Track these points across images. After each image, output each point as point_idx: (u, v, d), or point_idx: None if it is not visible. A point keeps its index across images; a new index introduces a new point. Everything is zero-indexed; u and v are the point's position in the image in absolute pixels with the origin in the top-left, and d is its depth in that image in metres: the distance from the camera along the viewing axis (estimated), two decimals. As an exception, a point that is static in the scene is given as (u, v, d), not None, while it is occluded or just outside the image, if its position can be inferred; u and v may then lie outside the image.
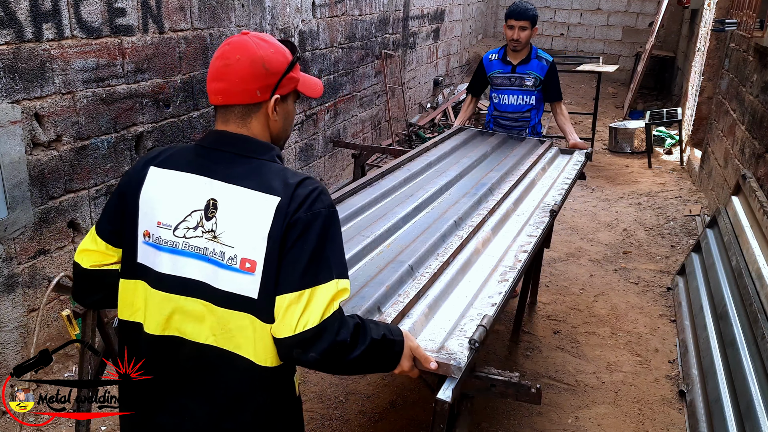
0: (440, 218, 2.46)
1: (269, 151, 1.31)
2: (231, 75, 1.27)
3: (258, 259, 1.20)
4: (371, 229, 2.30)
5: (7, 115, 2.57)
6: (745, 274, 3.01)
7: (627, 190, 6.03)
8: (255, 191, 1.22)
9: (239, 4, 4.02)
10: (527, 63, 3.67)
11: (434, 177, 3.00)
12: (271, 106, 1.30)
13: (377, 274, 1.97)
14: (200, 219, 1.24)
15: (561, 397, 2.97)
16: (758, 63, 4.39)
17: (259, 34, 1.32)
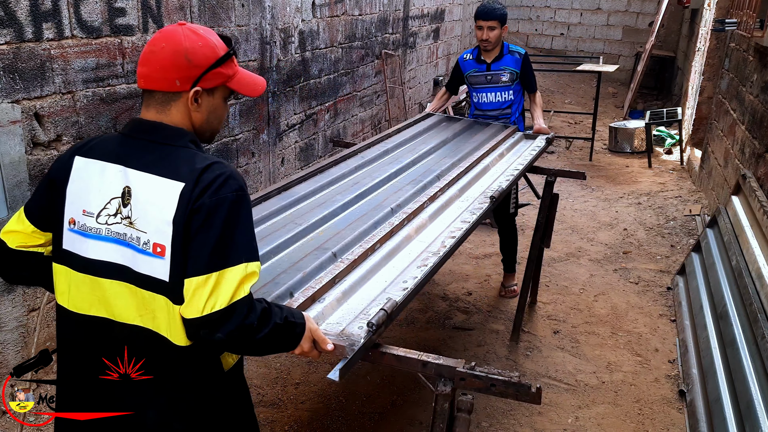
0: (379, 206, 2.46)
1: (182, 137, 1.34)
2: (153, 62, 1.31)
3: (166, 244, 1.25)
4: (307, 216, 2.31)
5: (7, 115, 2.57)
6: (745, 274, 3.01)
7: (627, 190, 6.03)
8: (162, 178, 1.27)
9: (239, 4, 4.01)
10: (501, 59, 3.73)
11: (387, 164, 2.99)
12: (191, 98, 1.33)
13: (299, 260, 1.98)
14: (118, 206, 1.30)
15: (561, 396, 2.97)
16: (758, 63, 4.39)
17: (195, 27, 1.35)
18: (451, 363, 1.56)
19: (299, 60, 4.92)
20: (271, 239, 2.10)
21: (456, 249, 2.26)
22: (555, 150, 7.47)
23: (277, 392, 2.93)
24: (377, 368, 3.07)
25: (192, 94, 1.32)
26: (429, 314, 3.68)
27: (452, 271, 4.20)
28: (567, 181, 5.81)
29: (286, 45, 4.67)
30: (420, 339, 3.41)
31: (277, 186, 2.60)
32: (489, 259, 4.46)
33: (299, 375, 3.06)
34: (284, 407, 2.84)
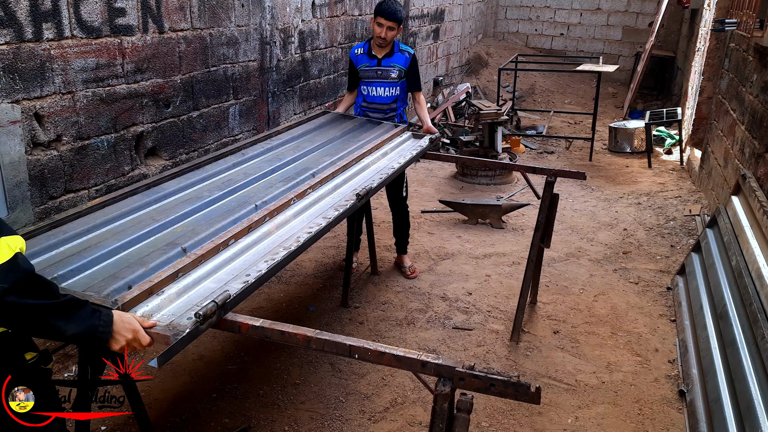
0: (245, 203, 2.45)
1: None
2: None
3: None
4: (169, 212, 2.30)
5: (7, 115, 2.57)
6: (745, 274, 3.01)
7: (627, 190, 6.03)
8: None
9: (239, 4, 4.02)
10: (391, 56, 3.84)
11: (266, 162, 2.97)
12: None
13: (147, 255, 1.98)
14: None
15: (561, 396, 2.97)
16: (758, 63, 4.39)
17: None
18: (450, 363, 1.56)
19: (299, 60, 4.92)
20: (123, 236, 2.08)
21: (311, 244, 2.26)
22: (555, 150, 7.47)
23: (276, 392, 2.93)
24: (377, 368, 3.07)
25: None
26: (429, 314, 3.68)
27: (452, 271, 4.20)
28: (567, 181, 5.81)
29: (286, 45, 4.67)
30: (420, 339, 3.41)
31: (146, 182, 2.57)
32: (489, 259, 4.46)
33: (298, 375, 3.06)
34: (284, 407, 2.84)
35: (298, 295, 3.88)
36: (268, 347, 3.26)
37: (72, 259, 1.91)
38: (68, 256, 1.93)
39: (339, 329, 3.48)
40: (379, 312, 3.69)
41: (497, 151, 6.00)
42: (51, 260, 1.92)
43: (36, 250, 1.92)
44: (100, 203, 2.32)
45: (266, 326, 1.68)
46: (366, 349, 1.60)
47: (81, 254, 1.94)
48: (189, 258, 1.94)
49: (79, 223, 2.17)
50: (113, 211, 2.28)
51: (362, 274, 4.13)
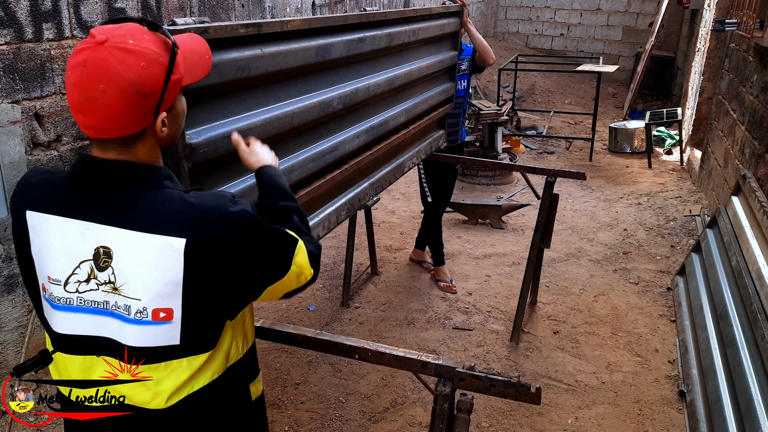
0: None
1: (154, 175, 1.11)
2: (99, 111, 1.03)
3: (174, 306, 1.08)
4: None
5: (7, 115, 2.57)
6: (745, 274, 3.01)
7: (627, 190, 6.03)
8: (152, 234, 1.06)
9: (239, 4, 4.02)
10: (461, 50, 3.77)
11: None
12: (159, 126, 1.11)
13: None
14: (91, 270, 1.08)
15: (561, 397, 2.97)
16: (758, 63, 4.39)
17: (120, 41, 1.05)
18: (450, 363, 1.55)
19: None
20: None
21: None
22: (555, 150, 7.47)
23: (276, 392, 2.93)
24: (377, 368, 3.07)
25: (159, 123, 1.10)
26: (429, 314, 3.68)
27: (452, 271, 4.20)
28: (567, 181, 5.81)
29: (286, 45, 4.67)
30: (420, 339, 3.41)
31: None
32: (489, 259, 4.46)
33: (299, 375, 3.06)
34: (284, 407, 2.84)
35: (298, 295, 3.88)
36: (268, 347, 3.26)
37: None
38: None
39: (339, 329, 3.48)
40: (379, 312, 3.69)
41: (497, 151, 6.01)
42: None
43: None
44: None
45: (266, 326, 1.68)
46: (366, 350, 1.60)
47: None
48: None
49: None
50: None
51: (362, 274, 4.13)
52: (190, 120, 1.50)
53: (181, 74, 1.12)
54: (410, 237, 4.79)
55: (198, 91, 1.50)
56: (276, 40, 1.83)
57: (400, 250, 4.58)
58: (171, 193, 1.10)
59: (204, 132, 1.56)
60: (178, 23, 1.43)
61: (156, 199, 1.08)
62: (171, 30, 1.29)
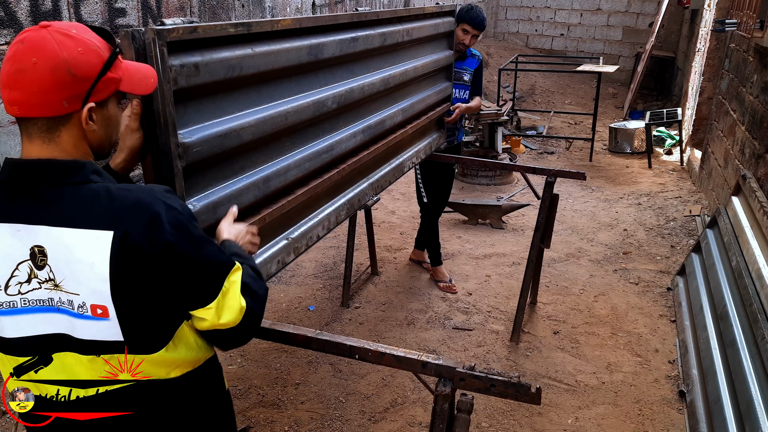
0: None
1: (79, 170, 1.10)
2: (27, 84, 1.03)
3: (107, 304, 1.08)
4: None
5: (7, 115, 2.57)
6: (745, 275, 3.01)
7: (627, 191, 6.03)
8: (79, 229, 1.06)
9: (239, 4, 4.02)
10: (464, 60, 3.80)
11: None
12: (85, 116, 1.09)
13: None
14: (30, 270, 1.09)
15: (561, 397, 2.97)
16: (758, 63, 4.39)
17: (63, 27, 1.08)
18: (450, 363, 1.55)
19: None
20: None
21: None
22: (555, 150, 7.47)
23: (277, 392, 2.93)
24: (377, 368, 3.07)
25: (86, 113, 1.09)
26: (429, 314, 3.68)
27: (452, 272, 4.20)
28: (567, 181, 5.82)
29: (286, 45, 4.67)
30: (420, 339, 3.41)
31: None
32: (489, 259, 4.46)
33: (299, 375, 3.06)
34: (284, 407, 2.84)
35: (298, 295, 3.88)
36: (268, 347, 3.26)
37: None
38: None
39: (339, 329, 3.48)
40: (379, 312, 3.69)
41: (497, 151, 6.01)
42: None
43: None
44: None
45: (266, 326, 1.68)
46: (366, 350, 1.60)
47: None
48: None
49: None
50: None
51: (362, 274, 4.13)
52: (182, 119, 1.51)
53: (120, 78, 1.15)
54: (410, 237, 4.79)
55: (189, 90, 1.51)
56: (267, 39, 1.84)
57: (400, 250, 4.58)
58: (97, 187, 1.09)
59: (197, 131, 1.57)
60: (167, 23, 1.44)
61: (82, 194, 1.08)
62: (152, 28, 1.34)
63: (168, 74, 1.42)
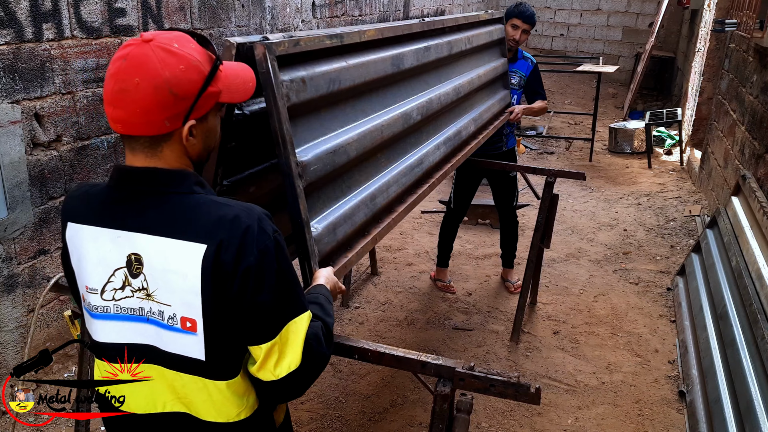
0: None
1: (184, 180, 1.10)
2: (129, 103, 1.03)
3: (196, 318, 1.06)
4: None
5: (7, 115, 2.57)
6: (745, 275, 3.01)
7: (627, 191, 6.03)
8: (176, 240, 1.05)
9: (239, 5, 4.02)
10: (515, 62, 3.74)
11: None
12: (185, 134, 1.08)
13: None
14: (125, 277, 1.09)
15: (561, 397, 2.97)
16: (758, 63, 4.39)
17: (165, 41, 1.06)
18: (450, 363, 1.55)
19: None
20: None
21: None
22: (555, 150, 7.47)
23: (276, 392, 2.93)
24: (377, 369, 3.07)
25: (186, 130, 1.08)
26: (429, 315, 3.68)
27: (452, 272, 4.20)
28: (567, 181, 5.81)
29: (286, 45, 4.67)
30: (420, 339, 3.41)
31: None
32: (489, 259, 4.46)
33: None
34: (284, 407, 2.84)
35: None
36: (268, 347, 3.25)
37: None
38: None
39: (339, 329, 3.48)
40: (379, 312, 3.69)
41: (497, 151, 6.00)
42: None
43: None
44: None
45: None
46: (366, 350, 1.60)
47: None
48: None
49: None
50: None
51: (362, 274, 4.13)
52: (297, 137, 1.46)
53: (220, 90, 1.12)
54: (410, 237, 4.79)
55: (299, 106, 1.46)
56: (357, 51, 1.80)
57: (400, 250, 4.58)
58: (200, 199, 1.09)
59: (310, 149, 1.52)
60: (270, 38, 1.39)
61: (184, 204, 1.08)
62: (262, 43, 1.30)
63: (281, 90, 1.35)
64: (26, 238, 2.74)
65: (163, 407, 1.14)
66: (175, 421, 1.14)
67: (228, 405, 1.13)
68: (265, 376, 1.11)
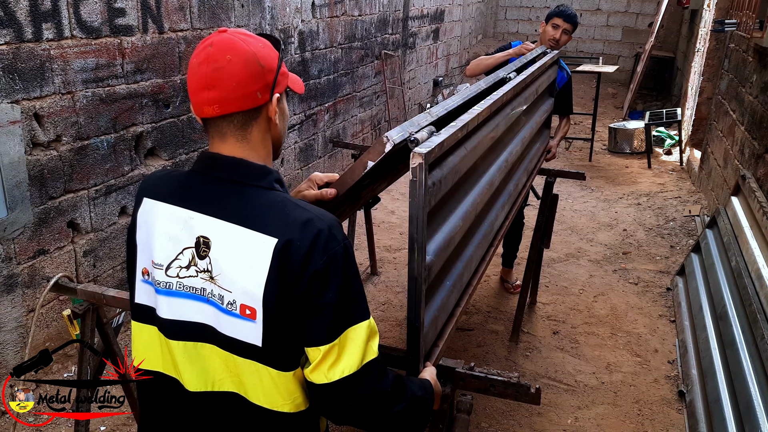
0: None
1: (266, 175, 1.15)
2: (226, 79, 1.09)
3: (257, 307, 1.08)
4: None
5: (6, 115, 2.57)
6: (745, 275, 3.01)
7: (627, 191, 6.03)
8: (248, 229, 1.08)
9: (239, 4, 4.02)
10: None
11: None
12: (273, 107, 1.15)
13: None
14: (192, 257, 1.13)
15: (560, 397, 2.97)
16: (758, 63, 4.39)
17: (239, 30, 1.17)
18: (450, 363, 1.56)
19: (299, 60, 4.92)
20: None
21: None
22: (555, 150, 7.48)
23: (276, 392, 2.93)
24: (377, 369, 3.06)
25: (275, 101, 1.15)
26: (428, 315, 3.68)
27: (452, 272, 4.19)
28: (566, 181, 5.81)
29: (285, 45, 4.67)
30: (419, 339, 3.41)
31: None
32: (488, 259, 4.46)
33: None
34: (284, 407, 2.84)
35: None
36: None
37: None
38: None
39: (339, 329, 3.47)
40: (379, 312, 3.69)
41: (497, 151, 5.99)
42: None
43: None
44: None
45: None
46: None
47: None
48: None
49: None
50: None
51: (362, 274, 4.14)
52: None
53: (287, 75, 1.21)
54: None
55: (432, 209, 1.41)
56: (472, 134, 1.70)
57: (399, 250, 4.58)
58: (278, 195, 1.13)
59: (431, 248, 1.45)
60: (417, 137, 1.31)
61: (262, 197, 1.11)
62: (419, 152, 1.30)
63: (426, 197, 1.29)
64: (26, 238, 2.74)
65: (212, 386, 1.16)
66: (225, 401, 1.16)
67: (275, 393, 1.14)
68: (318, 378, 1.10)
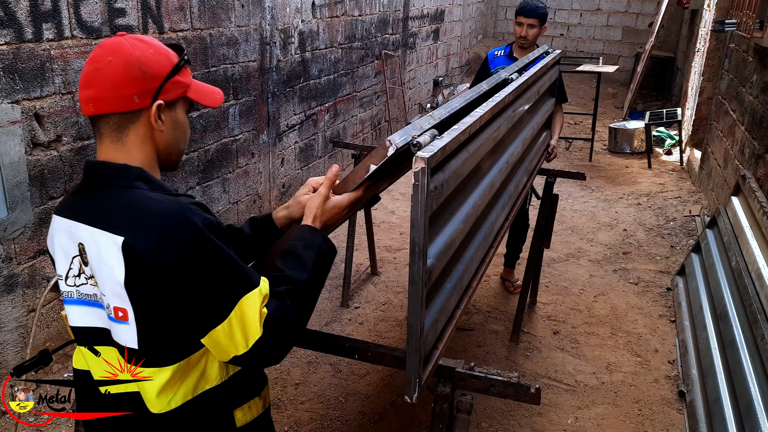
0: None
1: (125, 175, 1.13)
2: (101, 80, 1.10)
3: (126, 307, 1.09)
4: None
5: (6, 115, 2.57)
6: (745, 275, 3.01)
7: (627, 191, 6.03)
8: (101, 230, 1.09)
9: (239, 5, 4.02)
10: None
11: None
12: (154, 114, 1.14)
13: None
14: (80, 265, 1.16)
15: (561, 397, 2.97)
16: (758, 63, 4.39)
17: (138, 36, 1.17)
18: (450, 363, 1.55)
19: (299, 60, 4.92)
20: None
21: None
22: (555, 150, 7.48)
23: (276, 393, 2.93)
24: (377, 368, 3.07)
25: (155, 109, 1.14)
26: (429, 315, 3.67)
27: (452, 272, 4.19)
28: (567, 181, 5.81)
29: (286, 45, 4.67)
30: (420, 339, 3.41)
31: None
32: (489, 259, 4.46)
33: (299, 375, 3.06)
34: (284, 407, 2.84)
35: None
36: (267, 347, 3.25)
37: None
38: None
39: (339, 329, 3.48)
40: (379, 312, 3.69)
41: (497, 151, 5.99)
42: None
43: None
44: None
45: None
46: (366, 350, 1.60)
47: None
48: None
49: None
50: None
51: (362, 274, 4.13)
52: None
53: (189, 84, 1.20)
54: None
55: (433, 213, 1.39)
56: (475, 137, 1.69)
57: (399, 250, 4.58)
58: (136, 193, 1.12)
59: (432, 251, 1.44)
60: (420, 141, 1.31)
61: (121, 197, 1.11)
62: (411, 143, 1.30)
63: (428, 202, 1.29)
64: (26, 238, 2.74)
65: (117, 388, 1.18)
66: (130, 401, 1.18)
67: (161, 395, 1.15)
68: (237, 350, 1.12)
